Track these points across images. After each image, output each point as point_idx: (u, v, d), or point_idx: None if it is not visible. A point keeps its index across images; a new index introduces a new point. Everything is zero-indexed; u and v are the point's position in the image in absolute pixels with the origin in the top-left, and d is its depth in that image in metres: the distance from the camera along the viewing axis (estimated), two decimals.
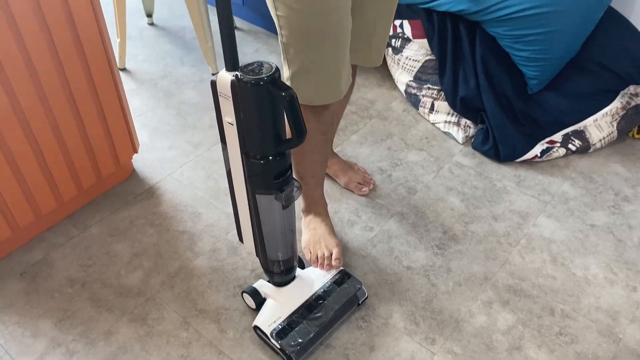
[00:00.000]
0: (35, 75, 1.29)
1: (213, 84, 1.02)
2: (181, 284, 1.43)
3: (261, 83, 0.95)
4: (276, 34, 1.17)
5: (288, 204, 1.14)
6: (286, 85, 0.98)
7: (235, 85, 0.98)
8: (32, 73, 1.28)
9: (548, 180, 1.75)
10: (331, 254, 1.42)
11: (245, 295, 1.36)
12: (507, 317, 1.38)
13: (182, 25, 2.45)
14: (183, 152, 1.82)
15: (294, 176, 1.20)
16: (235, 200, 1.20)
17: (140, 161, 1.78)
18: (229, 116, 1.03)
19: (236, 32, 2.41)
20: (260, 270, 1.47)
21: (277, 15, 1.12)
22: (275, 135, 1.03)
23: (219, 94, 1.02)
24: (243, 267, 1.48)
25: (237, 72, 0.98)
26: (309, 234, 1.48)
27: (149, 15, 2.43)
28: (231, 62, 0.98)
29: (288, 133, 1.05)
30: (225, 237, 1.55)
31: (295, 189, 1.14)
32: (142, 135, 1.87)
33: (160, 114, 1.98)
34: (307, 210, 1.51)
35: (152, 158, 1.80)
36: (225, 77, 0.99)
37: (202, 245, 1.53)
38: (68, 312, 1.37)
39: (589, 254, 1.53)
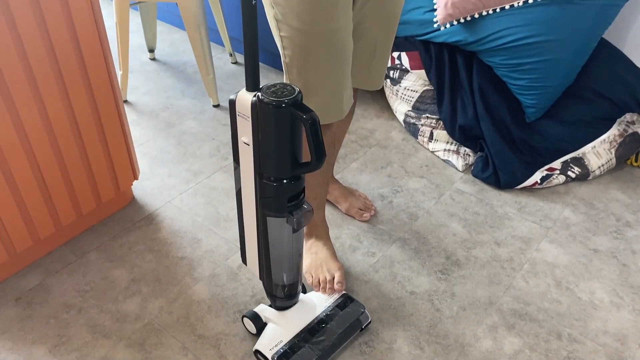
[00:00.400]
0: (40, 102, 1.30)
1: (232, 103, 1.02)
2: (180, 309, 1.40)
3: (283, 105, 0.95)
4: (277, 69, 1.19)
5: (299, 227, 1.13)
6: (308, 107, 0.97)
7: (256, 105, 0.98)
8: (37, 99, 1.29)
9: (549, 207, 1.75)
10: (333, 278, 1.40)
11: (245, 319, 1.33)
12: (513, 342, 1.35)
13: (183, 61, 2.49)
14: (183, 180, 1.82)
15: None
16: (242, 221, 1.19)
17: (140, 189, 1.77)
18: (245, 136, 1.03)
19: (237, 67, 2.45)
20: (260, 296, 1.44)
21: (281, 36, 1.15)
22: (292, 158, 1.03)
23: (237, 113, 1.02)
24: (243, 293, 1.45)
25: (258, 93, 0.97)
26: (311, 257, 1.46)
27: (151, 51, 2.47)
28: (252, 82, 0.99)
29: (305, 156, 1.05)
30: (225, 263, 1.53)
31: (307, 213, 1.13)
32: (142, 163, 1.87)
33: (161, 144, 1.99)
34: (309, 234, 1.50)
35: (152, 186, 1.79)
36: (246, 97, 0.99)
37: (201, 270, 1.51)
38: (63, 337, 1.33)
39: (594, 279, 1.51)
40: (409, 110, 2.02)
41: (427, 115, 1.97)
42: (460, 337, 1.36)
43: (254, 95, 0.98)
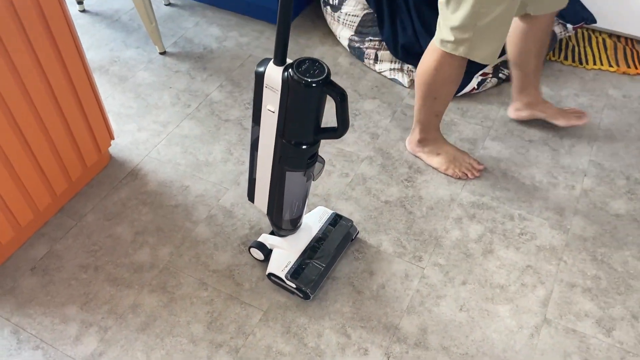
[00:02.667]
0: (18, 78, 1.32)
1: (260, 75, 1.12)
2: (189, 251, 1.56)
3: (314, 85, 1.07)
4: (210, 4, 1.26)
5: (315, 179, 1.29)
6: (338, 85, 1.10)
7: (287, 81, 1.09)
8: (15, 76, 1.32)
9: (487, 108, 1.99)
10: (472, 167, 1.74)
11: (252, 249, 1.50)
12: (476, 228, 1.62)
13: (115, 8, 2.45)
14: (154, 132, 1.90)
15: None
16: (253, 167, 1.32)
17: (115, 147, 1.84)
18: (271, 105, 1.14)
19: (171, 9, 2.44)
20: (258, 227, 1.61)
21: None
22: (316, 126, 1.17)
23: (264, 85, 1.12)
24: (242, 227, 1.62)
25: (290, 70, 1.07)
26: (439, 158, 1.76)
27: (80, 2, 2.40)
28: (281, 56, 1.09)
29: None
30: (218, 204, 1.68)
31: (321, 166, 1.29)
32: None
33: (120, 99, 2.02)
34: (423, 141, 1.75)
35: (125, 142, 1.86)
36: (276, 72, 1.09)
37: (198, 214, 1.65)
38: (90, 295, 1.46)
39: (532, 165, 1.79)
40: (352, 35, 2.15)
41: (370, 38, 2.12)
42: (433, 232, 1.61)
43: (284, 71, 1.08)
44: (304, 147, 1.21)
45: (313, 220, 1.55)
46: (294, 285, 1.42)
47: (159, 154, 1.82)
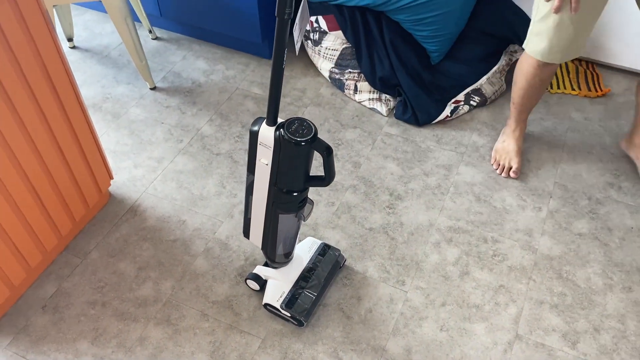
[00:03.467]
0: (21, 125, 1.41)
1: (254, 134, 1.26)
2: (189, 284, 1.68)
3: (304, 144, 1.21)
4: (197, 38, 1.37)
5: (306, 219, 1.43)
6: (323, 141, 1.24)
7: (279, 141, 1.22)
8: (19, 124, 1.40)
9: (460, 135, 2.14)
10: (511, 168, 1.94)
11: (249, 281, 1.63)
12: (453, 252, 1.76)
13: (104, 44, 2.54)
14: (149, 169, 2.01)
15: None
16: (248, 207, 1.45)
17: (114, 185, 1.95)
18: (265, 159, 1.28)
19: (159, 43, 2.55)
20: (253, 258, 1.74)
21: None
22: (305, 175, 1.30)
23: (259, 143, 1.26)
24: (237, 258, 1.74)
25: (281, 130, 1.21)
26: (502, 144, 1.99)
27: (70, 40, 2.50)
28: (273, 117, 1.23)
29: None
30: (214, 237, 1.80)
31: (311, 207, 1.42)
32: None
33: (115, 136, 2.13)
34: (511, 126, 1.97)
35: (123, 180, 1.97)
36: (268, 131, 1.23)
37: (195, 248, 1.77)
38: (99, 330, 1.57)
39: (503, 189, 1.95)
40: (332, 67, 2.29)
41: (349, 70, 2.25)
42: (414, 256, 1.75)
43: (276, 130, 1.22)
44: (294, 194, 1.34)
45: (303, 251, 1.68)
46: (288, 314, 1.55)
47: (155, 190, 1.94)
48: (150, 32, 2.56)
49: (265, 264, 1.64)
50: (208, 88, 2.32)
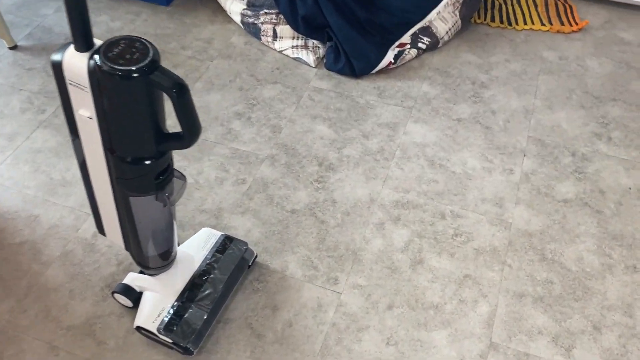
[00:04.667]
0: None
1: (56, 67, 0.77)
2: (35, 304, 1.19)
3: (135, 75, 0.72)
4: None
5: (172, 203, 0.95)
6: (171, 73, 0.75)
7: (95, 74, 0.74)
8: None
9: (407, 85, 1.70)
10: None
11: (117, 295, 1.16)
12: (401, 234, 1.32)
13: None
14: None
15: None
16: (92, 194, 0.97)
17: None
18: (85, 109, 0.80)
19: None
20: (129, 260, 1.26)
21: None
22: (156, 133, 0.82)
23: (67, 81, 0.77)
24: (107, 264, 1.26)
25: (97, 57, 0.73)
26: None
27: None
28: (83, 38, 0.74)
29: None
30: (76, 236, 1.31)
31: (181, 183, 0.95)
32: None
33: None
34: None
35: None
36: (77, 61, 0.75)
37: (49, 252, 1.28)
38: None
39: (463, 149, 1.51)
40: (244, 9, 1.80)
41: (265, 10, 1.77)
42: (350, 244, 1.30)
43: (90, 58, 0.74)
44: (146, 162, 0.86)
45: (195, 248, 1.21)
46: (169, 341, 1.08)
47: (1, 177, 1.43)
48: None
49: (141, 271, 1.17)
50: None
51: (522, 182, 1.43)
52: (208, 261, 1.19)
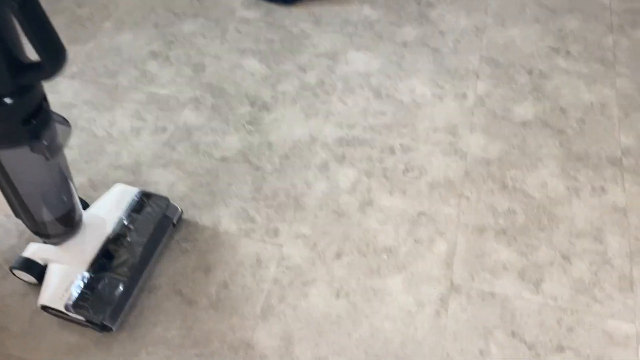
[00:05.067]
0: None
1: None
2: None
3: None
4: None
5: (55, 153, 0.76)
6: None
7: None
8: None
9: (346, 10, 1.51)
10: None
11: (17, 271, 0.98)
12: (347, 174, 1.17)
13: None
14: None
15: None
16: None
17: None
18: None
19: None
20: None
21: None
22: (8, 60, 0.62)
23: None
24: (7, 235, 1.07)
25: None
26: None
27: None
28: None
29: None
30: None
31: (66, 129, 0.77)
32: None
33: None
34: None
35: None
36: None
37: None
38: None
39: (411, 75, 1.36)
40: None
41: None
42: (291, 189, 1.15)
43: None
44: (5, 100, 0.68)
45: (106, 209, 1.03)
46: (81, 319, 0.92)
47: None
48: None
49: (44, 241, 0.99)
50: None
51: (477, 106, 1.29)
52: (123, 223, 1.01)
